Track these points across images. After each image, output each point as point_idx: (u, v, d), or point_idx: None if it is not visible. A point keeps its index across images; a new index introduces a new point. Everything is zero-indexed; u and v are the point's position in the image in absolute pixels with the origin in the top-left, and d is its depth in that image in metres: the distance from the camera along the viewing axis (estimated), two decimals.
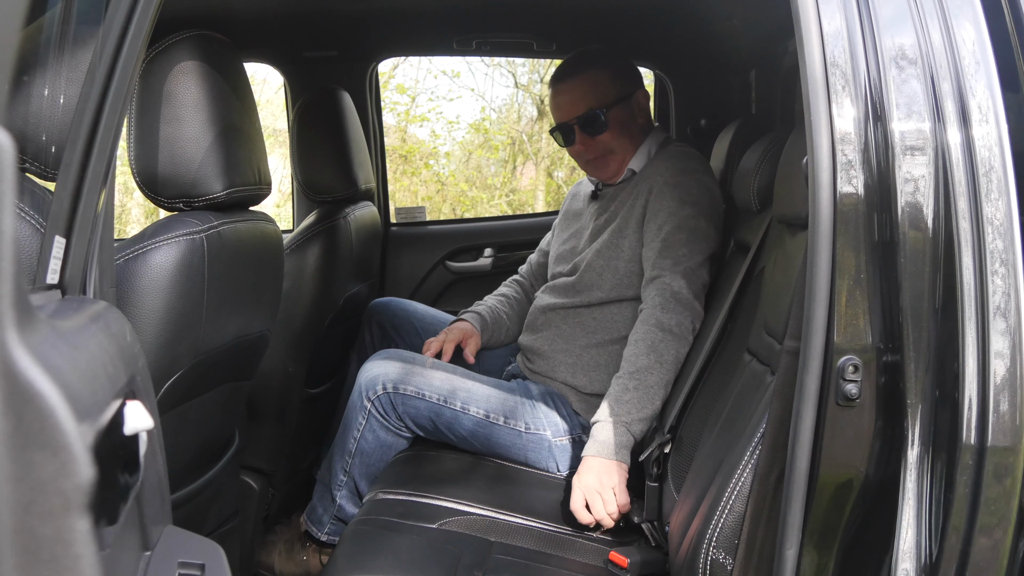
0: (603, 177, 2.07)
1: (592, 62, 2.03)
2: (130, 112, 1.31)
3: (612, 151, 2.01)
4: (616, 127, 1.99)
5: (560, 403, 1.94)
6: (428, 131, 7.34)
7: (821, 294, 0.99)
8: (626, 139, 2.01)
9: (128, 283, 1.23)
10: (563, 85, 2.03)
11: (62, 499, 0.51)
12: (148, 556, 0.85)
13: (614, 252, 1.98)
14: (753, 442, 1.20)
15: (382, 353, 1.96)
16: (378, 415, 1.87)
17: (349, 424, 1.90)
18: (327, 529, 1.95)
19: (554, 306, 2.05)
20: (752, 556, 1.13)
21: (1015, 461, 0.96)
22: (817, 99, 1.00)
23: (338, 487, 1.91)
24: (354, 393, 1.90)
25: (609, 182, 2.08)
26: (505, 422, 1.87)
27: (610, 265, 1.98)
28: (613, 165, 2.03)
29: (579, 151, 2.03)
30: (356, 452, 1.89)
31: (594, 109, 1.97)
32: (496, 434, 1.87)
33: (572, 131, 2.01)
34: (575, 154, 2.06)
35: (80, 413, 0.55)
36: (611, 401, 1.75)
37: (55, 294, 0.87)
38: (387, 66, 6.82)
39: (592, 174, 2.10)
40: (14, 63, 0.62)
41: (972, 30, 1.01)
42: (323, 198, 2.21)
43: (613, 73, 2.02)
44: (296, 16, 2.36)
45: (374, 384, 1.86)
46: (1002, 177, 0.97)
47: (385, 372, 1.87)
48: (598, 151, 2.01)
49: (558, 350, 2.00)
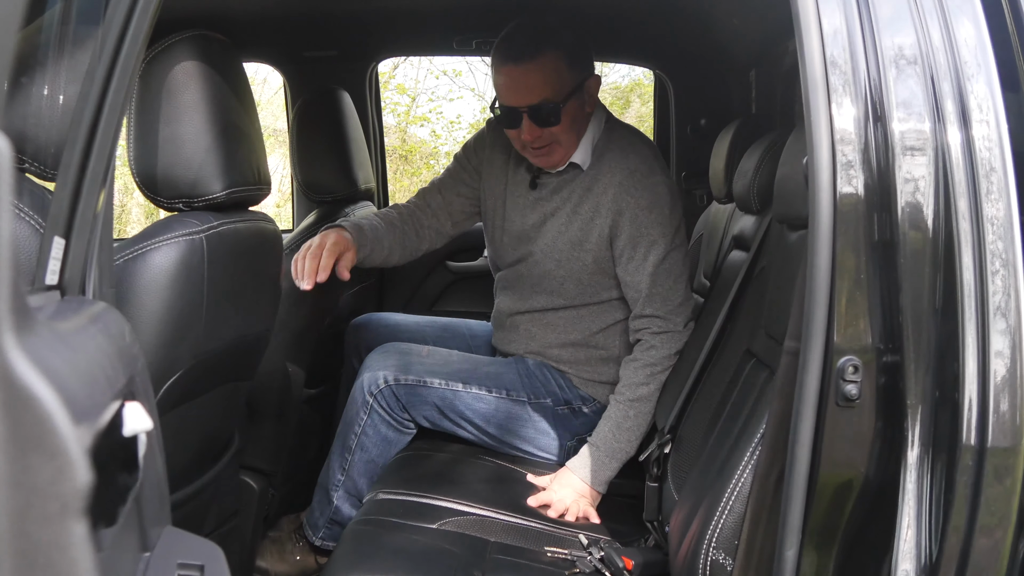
0: (542, 164, 1.93)
1: (549, 42, 1.81)
2: (130, 112, 1.31)
3: (558, 142, 1.87)
4: (567, 119, 1.84)
5: (557, 375, 1.96)
6: (428, 131, 7.35)
7: (821, 294, 0.99)
8: (574, 131, 1.88)
9: (127, 283, 1.23)
10: (517, 68, 1.81)
11: (59, 503, 0.51)
12: (147, 557, 0.85)
13: (576, 264, 1.91)
14: (753, 442, 1.20)
15: (379, 349, 1.96)
16: (381, 410, 1.86)
17: (350, 422, 1.90)
18: (321, 533, 1.94)
19: (517, 311, 2.02)
20: (752, 556, 1.13)
21: (1015, 461, 0.96)
22: (817, 99, 1.00)
23: (335, 487, 1.91)
24: (356, 391, 1.89)
25: (547, 170, 1.95)
26: (508, 395, 1.90)
27: (572, 276, 1.92)
28: (556, 156, 1.89)
29: (523, 139, 1.85)
30: (356, 448, 1.88)
31: (549, 101, 1.80)
32: (500, 407, 1.89)
33: (519, 117, 1.83)
34: (516, 137, 1.89)
35: (78, 416, 0.55)
36: (612, 427, 1.82)
37: (54, 295, 0.86)
38: (387, 66, 6.83)
39: (531, 160, 1.94)
40: (13, 63, 0.62)
41: (972, 29, 1.01)
42: (323, 198, 2.22)
43: (570, 59, 1.84)
44: (296, 16, 2.36)
45: (375, 379, 1.86)
46: (1002, 177, 0.97)
47: (384, 366, 1.87)
48: (544, 141, 1.86)
49: (534, 351, 2.01)
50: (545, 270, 1.94)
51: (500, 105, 1.87)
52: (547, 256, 1.93)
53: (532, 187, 1.98)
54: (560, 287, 1.94)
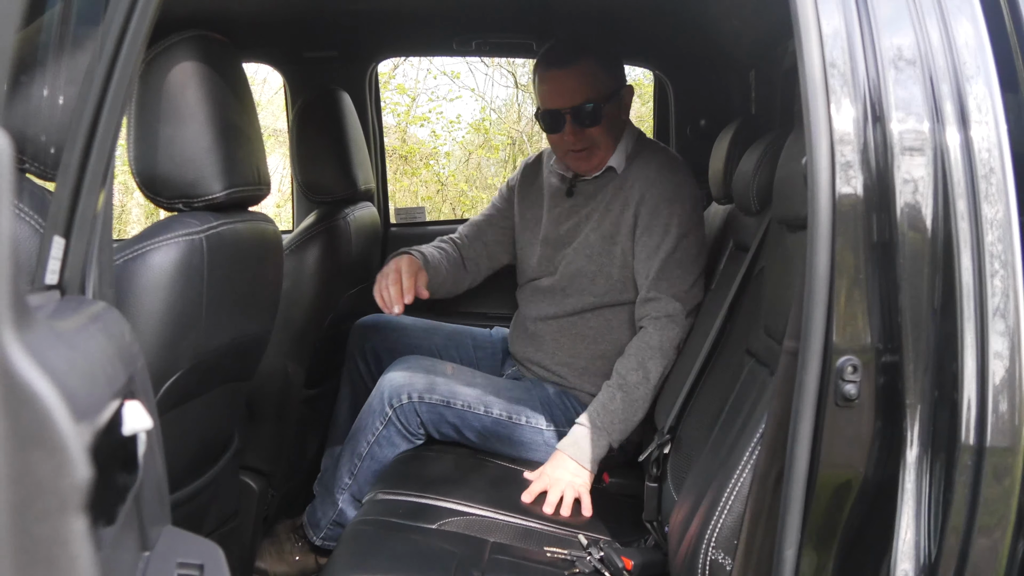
0: (582, 169, 2.04)
1: (587, 51, 1.97)
2: (129, 112, 1.31)
3: (597, 145, 1.99)
4: (607, 122, 1.97)
5: (575, 401, 1.99)
6: (428, 131, 7.35)
7: (820, 294, 0.99)
8: (612, 135, 2.00)
9: (127, 283, 1.23)
10: (560, 72, 1.96)
11: (59, 499, 0.51)
12: (147, 556, 0.85)
13: (607, 259, 1.98)
14: (752, 442, 1.21)
15: (403, 362, 1.96)
16: (399, 423, 1.89)
17: (364, 428, 1.90)
18: (323, 534, 1.95)
19: (544, 316, 2.05)
20: (751, 556, 1.13)
21: (1014, 461, 0.96)
22: (816, 99, 1.00)
23: (341, 490, 1.92)
24: (374, 399, 1.90)
25: (585, 176, 2.06)
26: (527, 421, 1.93)
27: (603, 271, 1.99)
28: (595, 159, 2.01)
29: (566, 140, 1.98)
30: (367, 456, 1.90)
31: (590, 101, 1.94)
32: (516, 432, 1.92)
33: (562, 120, 1.96)
34: (558, 142, 2.01)
35: (78, 413, 0.55)
36: (598, 408, 1.84)
37: (54, 294, 0.86)
38: (387, 66, 6.82)
39: (572, 165, 2.05)
40: (13, 63, 0.62)
41: (971, 30, 1.01)
42: (323, 199, 2.21)
43: (606, 67, 1.99)
44: (296, 16, 2.36)
45: (399, 393, 1.87)
46: (1001, 178, 0.97)
47: (412, 383, 1.88)
48: (585, 143, 1.98)
49: (561, 363, 2.03)
50: (577, 268, 2.01)
51: (543, 111, 2.00)
52: (579, 253, 2.01)
53: (568, 195, 2.09)
54: (590, 284, 2.00)
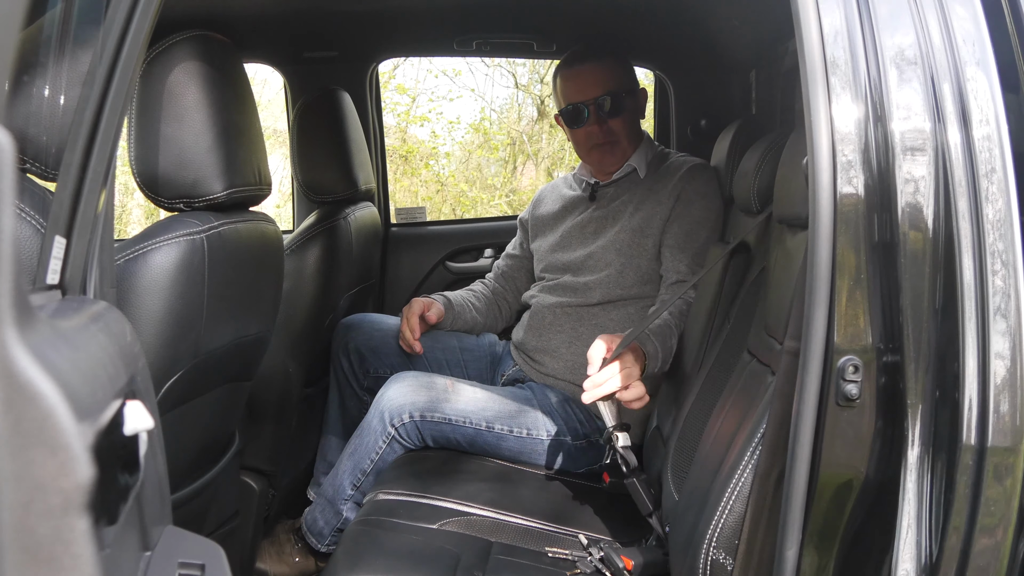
0: (605, 165, 2.10)
1: (604, 49, 2.09)
2: (130, 112, 1.31)
3: (618, 140, 2.06)
4: (627, 115, 2.06)
5: (577, 407, 1.98)
6: (428, 131, 7.35)
7: (821, 294, 0.99)
8: (633, 132, 2.08)
9: (128, 283, 1.23)
10: (582, 66, 2.06)
11: (61, 498, 0.51)
12: (148, 556, 0.85)
13: (637, 251, 2.02)
14: (753, 442, 1.20)
15: (399, 379, 1.93)
16: (402, 439, 1.89)
17: (367, 448, 1.89)
18: (328, 541, 1.94)
19: (564, 305, 2.06)
20: (752, 556, 1.13)
21: (1015, 461, 0.96)
22: (817, 99, 1.00)
23: (344, 500, 1.91)
24: (373, 417, 1.89)
25: (606, 177, 2.10)
26: (528, 433, 1.93)
27: (632, 263, 2.02)
28: (617, 154, 2.07)
29: (591, 132, 2.06)
30: (372, 472, 1.90)
31: (613, 91, 2.03)
32: (517, 444, 1.93)
33: (585, 112, 2.04)
34: (583, 136, 2.08)
35: (80, 412, 0.55)
36: (657, 345, 1.82)
37: (55, 294, 0.87)
38: (387, 66, 6.82)
39: (596, 161, 2.11)
40: (14, 63, 0.62)
41: (972, 29, 1.01)
42: (323, 199, 2.21)
43: (624, 66, 2.12)
44: (296, 16, 2.36)
45: (400, 412, 1.87)
46: (1002, 177, 0.97)
47: (412, 402, 1.87)
48: (608, 136, 2.05)
49: (578, 352, 2.01)
50: (607, 261, 2.04)
51: (566, 107, 2.08)
52: (608, 249, 2.04)
53: (592, 199, 2.15)
54: (619, 276, 2.03)
